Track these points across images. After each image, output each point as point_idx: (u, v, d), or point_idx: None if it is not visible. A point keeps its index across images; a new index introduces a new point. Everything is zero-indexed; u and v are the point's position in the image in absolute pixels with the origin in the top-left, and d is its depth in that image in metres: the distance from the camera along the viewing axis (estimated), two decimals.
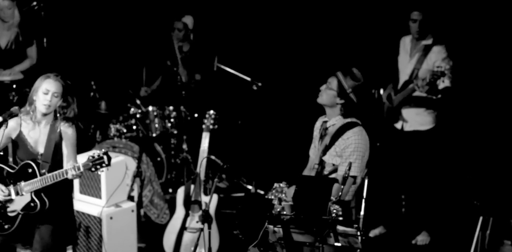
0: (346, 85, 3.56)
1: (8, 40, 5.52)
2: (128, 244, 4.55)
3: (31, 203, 3.59)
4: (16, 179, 3.62)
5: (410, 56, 4.87)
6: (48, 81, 3.56)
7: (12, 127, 3.59)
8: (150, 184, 5.29)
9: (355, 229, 3.32)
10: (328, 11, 6.27)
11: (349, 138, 3.52)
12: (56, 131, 3.62)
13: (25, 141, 3.61)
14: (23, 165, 3.60)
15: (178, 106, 5.88)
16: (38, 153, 3.62)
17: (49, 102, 3.54)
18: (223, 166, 4.29)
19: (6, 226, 3.64)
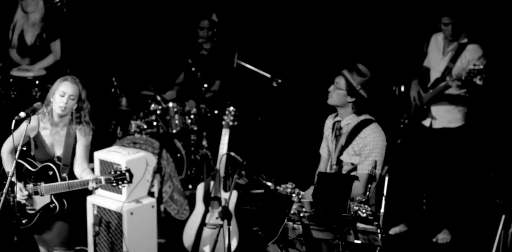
0: (354, 82, 3.52)
1: (33, 37, 5.59)
2: (148, 240, 4.58)
3: (50, 204, 3.65)
4: (37, 179, 3.67)
5: (443, 54, 4.81)
6: (66, 83, 3.59)
7: (30, 127, 3.62)
8: (170, 180, 5.32)
9: (375, 227, 3.30)
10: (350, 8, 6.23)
11: (367, 136, 3.48)
12: (72, 134, 3.66)
13: (42, 142, 3.66)
14: (44, 166, 3.65)
15: (198, 103, 5.89)
16: (54, 155, 3.67)
17: (65, 104, 3.58)
18: (243, 162, 4.29)
19: (24, 221, 3.70)
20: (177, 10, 6.63)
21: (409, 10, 5.91)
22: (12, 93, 5.51)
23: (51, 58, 5.62)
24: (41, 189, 3.64)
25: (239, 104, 5.51)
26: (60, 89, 3.58)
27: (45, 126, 3.65)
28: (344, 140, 3.55)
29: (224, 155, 4.78)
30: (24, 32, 5.60)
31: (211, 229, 4.72)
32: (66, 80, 3.61)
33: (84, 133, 3.65)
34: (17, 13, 5.58)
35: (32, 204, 3.69)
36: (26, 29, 5.59)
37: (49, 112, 3.62)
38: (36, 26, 5.57)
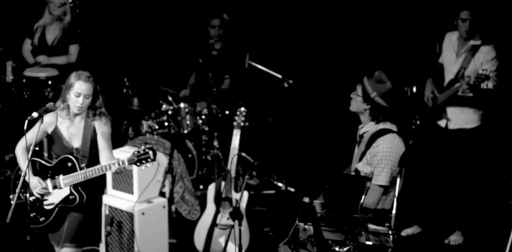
0: (370, 89, 3.48)
1: (55, 38, 5.63)
2: (159, 240, 4.59)
3: (70, 196, 3.66)
4: (54, 173, 3.69)
5: (457, 55, 4.78)
6: (80, 83, 3.62)
7: (48, 122, 3.66)
8: (181, 180, 5.33)
9: (386, 228, 3.29)
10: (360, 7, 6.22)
11: (378, 146, 3.42)
12: (90, 126, 3.69)
13: (60, 136, 3.68)
14: (62, 159, 3.67)
15: (210, 103, 5.90)
16: (72, 147, 3.69)
17: (81, 104, 3.62)
18: (254, 163, 4.28)
19: (41, 219, 3.71)
20: (188, 11, 6.64)
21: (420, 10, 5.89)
22: (25, 93, 5.55)
23: (66, 58, 5.66)
24: (60, 181, 3.66)
25: (250, 104, 5.51)
26: (75, 90, 3.61)
27: (63, 121, 3.69)
28: (363, 147, 3.51)
29: (235, 156, 4.78)
30: (46, 32, 5.65)
31: (222, 230, 4.72)
32: (80, 79, 3.62)
33: (103, 124, 3.69)
34: (44, 15, 5.63)
35: (50, 199, 3.70)
36: (49, 29, 5.64)
37: (66, 108, 3.66)
38: (58, 28, 5.62)
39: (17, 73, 5.57)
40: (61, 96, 3.68)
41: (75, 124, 3.69)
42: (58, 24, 5.63)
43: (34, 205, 3.70)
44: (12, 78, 5.56)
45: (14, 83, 5.57)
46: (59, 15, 5.59)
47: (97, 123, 3.69)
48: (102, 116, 3.70)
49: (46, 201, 3.71)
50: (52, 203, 3.70)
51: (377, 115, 3.49)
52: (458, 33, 4.79)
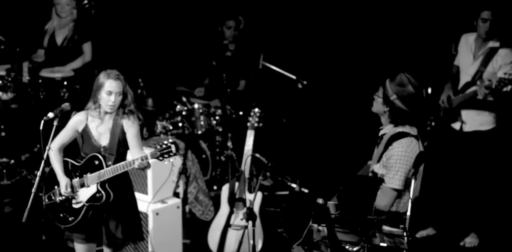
0: (390, 91, 3.46)
1: (64, 38, 5.68)
2: (173, 240, 4.61)
3: (96, 194, 3.69)
4: (83, 171, 3.72)
5: (474, 58, 4.73)
6: (110, 81, 3.65)
7: (79, 120, 3.71)
8: (195, 181, 5.34)
9: (401, 230, 3.27)
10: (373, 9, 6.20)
11: (393, 149, 3.39)
12: (119, 125, 3.73)
13: (90, 134, 3.72)
14: (90, 157, 3.71)
15: (224, 104, 5.91)
16: (100, 146, 3.73)
17: (113, 103, 3.66)
18: (268, 164, 4.29)
19: (70, 219, 3.73)
20: (202, 12, 6.66)
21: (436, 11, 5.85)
22: (41, 93, 5.60)
23: (82, 60, 5.70)
24: (87, 179, 3.70)
25: (264, 105, 5.51)
26: (106, 89, 3.65)
27: (93, 120, 3.73)
28: (381, 149, 3.49)
29: (249, 157, 4.79)
30: (55, 33, 5.70)
31: (236, 230, 4.73)
32: (110, 77, 3.66)
33: (131, 122, 3.72)
34: (52, 17, 5.68)
35: (78, 197, 3.72)
36: (58, 31, 5.69)
37: (97, 107, 3.70)
38: (67, 28, 5.66)
39: (33, 73, 5.62)
40: (92, 97, 3.71)
41: (104, 123, 3.73)
42: (66, 24, 5.66)
43: (63, 205, 3.73)
44: (29, 78, 5.60)
45: (30, 83, 5.62)
46: (67, 16, 5.62)
47: (125, 121, 3.73)
48: (130, 114, 3.74)
49: (74, 200, 3.73)
50: (80, 201, 3.72)
51: (396, 118, 3.47)
52: (475, 35, 4.74)
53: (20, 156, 5.99)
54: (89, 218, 3.73)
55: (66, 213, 3.74)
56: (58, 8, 5.59)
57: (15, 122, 5.90)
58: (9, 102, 5.72)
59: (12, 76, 5.59)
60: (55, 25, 5.68)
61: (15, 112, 5.83)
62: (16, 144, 5.97)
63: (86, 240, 3.80)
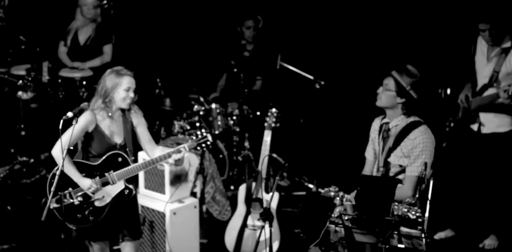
0: (404, 83, 3.50)
1: (87, 38, 5.73)
2: (190, 239, 4.62)
3: (125, 190, 3.72)
4: (103, 170, 3.72)
5: (488, 60, 4.71)
6: (128, 78, 3.69)
7: (89, 121, 3.71)
8: (212, 180, 5.35)
9: (419, 231, 3.25)
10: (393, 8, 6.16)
11: (417, 138, 3.46)
12: (129, 121, 3.77)
13: (102, 133, 3.73)
14: (110, 156, 3.72)
15: (241, 104, 5.92)
16: (115, 143, 3.75)
17: (131, 99, 3.70)
18: (285, 164, 4.28)
19: (90, 218, 3.74)
20: (220, 13, 6.67)
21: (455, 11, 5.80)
22: (60, 93, 5.65)
23: (101, 60, 5.75)
24: (113, 177, 3.70)
25: (282, 105, 5.50)
26: (124, 85, 3.67)
27: (103, 119, 3.74)
28: (392, 142, 3.52)
29: (266, 157, 4.78)
30: (78, 33, 5.75)
31: (252, 231, 4.73)
32: (126, 74, 3.69)
33: (140, 116, 3.78)
34: (77, 17, 5.73)
35: (102, 197, 3.73)
36: (81, 30, 5.75)
37: (109, 106, 3.71)
38: (90, 28, 5.72)
39: (53, 73, 5.67)
40: (101, 96, 3.71)
41: (115, 121, 3.75)
42: (90, 25, 5.73)
43: (81, 206, 3.73)
44: (48, 78, 5.66)
45: (49, 83, 5.67)
46: (92, 17, 5.69)
47: (134, 117, 3.77)
48: (137, 110, 3.79)
49: (98, 200, 3.73)
50: (105, 200, 3.73)
51: (411, 108, 3.50)
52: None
53: (39, 155, 6.04)
54: (112, 215, 3.74)
55: (86, 213, 3.73)
56: (84, 9, 5.65)
57: (34, 122, 5.95)
58: (29, 101, 5.78)
59: (32, 75, 5.65)
60: (79, 25, 5.74)
61: (35, 111, 5.89)
62: (36, 143, 6.02)
63: (102, 238, 3.82)
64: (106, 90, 3.68)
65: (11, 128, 5.92)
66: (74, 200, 3.71)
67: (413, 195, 3.42)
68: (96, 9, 5.66)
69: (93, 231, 3.78)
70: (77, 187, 3.71)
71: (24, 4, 6.51)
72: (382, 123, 3.68)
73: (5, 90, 5.58)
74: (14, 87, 5.68)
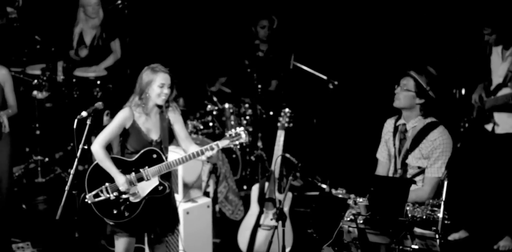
0: (424, 84, 3.47)
1: (93, 37, 5.77)
2: (203, 239, 4.63)
3: (159, 186, 3.75)
4: (138, 166, 3.75)
5: (503, 59, 4.69)
6: (162, 74, 3.73)
7: (127, 117, 3.75)
8: (225, 180, 5.36)
9: (433, 232, 3.24)
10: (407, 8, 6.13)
11: (437, 139, 3.44)
12: (166, 118, 3.81)
13: (139, 129, 3.77)
14: (145, 152, 3.75)
15: (254, 104, 5.92)
16: (152, 140, 3.78)
17: (165, 95, 3.73)
18: (298, 164, 4.28)
19: (126, 214, 3.76)
20: (234, 12, 6.68)
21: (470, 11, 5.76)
22: (75, 92, 5.68)
23: (113, 57, 5.78)
24: (147, 173, 3.74)
25: (295, 105, 5.50)
26: (158, 81, 3.71)
27: (139, 116, 3.78)
28: (409, 143, 3.49)
29: (279, 157, 4.78)
30: (83, 33, 5.79)
31: (265, 230, 4.73)
32: (161, 71, 3.73)
33: (178, 115, 3.82)
34: (79, 16, 5.77)
35: (137, 192, 3.76)
36: (86, 30, 5.78)
37: (145, 103, 3.75)
38: (95, 28, 5.75)
39: (68, 73, 5.71)
40: (137, 94, 3.75)
41: (151, 118, 3.79)
42: (94, 23, 5.74)
43: (118, 201, 3.76)
44: (63, 77, 5.69)
45: (64, 82, 5.71)
46: (96, 16, 5.71)
47: (171, 114, 3.82)
48: (174, 107, 3.83)
49: (132, 195, 3.76)
50: (139, 196, 3.75)
51: (429, 109, 3.48)
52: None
53: (54, 154, 6.09)
54: (146, 211, 3.77)
55: (122, 208, 3.75)
56: (89, 9, 5.67)
57: (49, 121, 6.00)
58: (44, 101, 5.82)
59: (47, 75, 5.69)
60: (83, 27, 5.77)
61: (50, 111, 5.93)
62: (51, 143, 6.07)
63: (132, 234, 3.83)
64: (141, 87, 3.73)
65: (26, 127, 5.97)
66: (110, 195, 3.74)
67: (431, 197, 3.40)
68: (99, 8, 5.68)
69: (127, 227, 3.80)
70: (114, 182, 3.75)
71: (39, 4, 6.56)
72: (398, 124, 3.65)
73: (20, 89, 5.62)
74: (29, 86, 5.72)
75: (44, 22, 6.47)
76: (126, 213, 3.74)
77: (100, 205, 3.75)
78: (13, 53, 6.15)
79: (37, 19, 6.46)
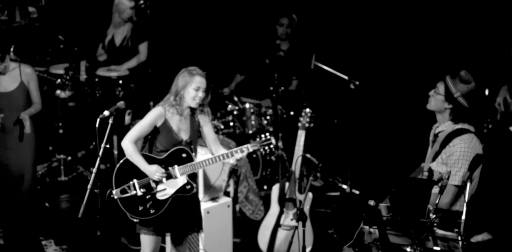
0: (454, 89, 3.40)
1: (123, 38, 5.82)
2: (224, 238, 4.64)
3: (186, 185, 3.79)
4: (167, 164, 3.79)
5: None
6: (198, 78, 3.77)
7: (159, 115, 3.79)
8: (245, 180, 5.37)
9: (455, 234, 3.20)
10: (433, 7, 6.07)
11: (455, 146, 3.37)
12: (196, 121, 3.86)
13: (170, 128, 3.81)
14: (175, 151, 3.79)
15: (275, 104, 5.91)
16: (182, 140, 3.82)
17: (199, 98, 3.77)
18: (318, 164, 4.27)
19: (152, 211, 3.78)
20: (255, 12, 6.68)
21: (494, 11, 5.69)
22: (97, 92, 5.73)
23: (137, 59, 5.83)
24: (176, 171, 3.78)
25: (316, 105, 5.48)
26: (194, 84, 3.76)
27: (172, 115, 3.82)
28: (438, 147, 3.45)
29: (299, 157, 4.77)
30: (114, 36, 5.85)
31: (285, 231, 4.72)
32: (198, 74, 3.77)
33: (208, 119, 3.88)
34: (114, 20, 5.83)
35: (164, 189, 3.79)
36: (117, 31, 5.84)
37: (179, 104, 3.79)
38: (126, 29, 5.80)
39: (90, 72, 5.76)
40: (172, 94, 3.79)
41: (184, 118, 3.83)
42: (127, 25, 5.80)
43: (144, 198, 3.78)
44: (86, 77, 5.75)
45: (87, 82, 5.76)
46: (128, 18, 5.77)
47: (202, 117, 3.87)
48: (206, 111, 3.87)
49: (159, 192, 3.79)
50: (166, 193, 3.79)
51: (459, 115, 3.42)
52: None
53: (76, 153, 6.14)
54: (171, 210, 3.79)
55: (148, 205, 3.78)
56: (124, 15, 5.76)
57: (72, 120, 6.06)
58: (67, 100, 5.88)
59: (70, 74, 5.75)
60: (115, 28, 5.83)
61: (73, 110, 5.99)
62: (73, 141, 6.13)
63: (157, 232, 3.85)
64: (177, 88, 3.77)
65: (50, 126, 6.03)
66: (137, 191, 3.76)
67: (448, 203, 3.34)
68: (132, 10, 5.75)
69: (152, 224, 3.82)
70: (142, 179, 3.77)
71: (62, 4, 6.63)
72: (434, 127, 3.61)
73: (44, 88, 5.69)
74: (53, 85, 5.78)
75: (68, 22, 6.54)
76: (151, 210, 3.76)
77: (126, 201, 3.77)
78: (37, 52, 6.23)
79: (60, 18, 6.53)
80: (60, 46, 6.17)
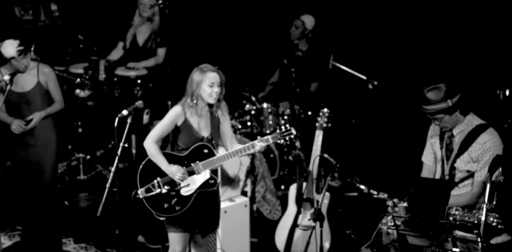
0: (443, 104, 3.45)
1: (145, 39, 5.85)
2: (241, 238, 4.65)
3: (210, 180, 3.81)
4: (190, 160, 3.81)
5: None
6: (211, 73, 3.77)
7: (179, 115, 3.81)
8: (263, 180, 5.37)
9: (475, 235, 3.18)
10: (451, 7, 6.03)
11: (487, 142, 3.38)
12: (215, 117, 3.88)
13: (190, 126, 3.83)
14: (196, 147, 3.81)
15: (292, 104, 5.91)
16: (202, 137, 3.84)
17: (216, 94, 3.78)
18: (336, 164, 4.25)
19: (177, 208, 3.80)
20: (274, 11, 6.67)
21: None
22: (116, 91, 5.77)
23: (154, 60, 5.85)
24: (199, 167, 3.79)
25: (333, 105, 5.47)
26: (207, 81, 3.76)
27: (191, 114, 3.84)
28: (457, 147, 3.43)
29: (317, 157, 4.76)
30: (136, 34, 5.88)
31: (303, 231, 4.71)
32: (209, 70, 3.77)
33: (226, 114, 3.90)
34: (135, 17, 5.85)
35: (188, 186, 3.81)
36: (139, 31, 5.87)
37: (197, 103, 3.80)
38: (148, 29, 5.83)
39: (109, 72, 5.80)
40: (188, 95, 3.80)
41: (203, 116, 3.84)
42: (148, 25, 5.83)
43: (169, 195, 3.81)
44: (105, 76, 5.79)
45: (106, 81, 5.80)
46: (149, 17, 5.79)
47: (220, 113, 3.88)
48: (224, 107, 3.88)
49: (183, 189, 3.81)
50: (190, 189, 3.81)
51: (465, 108, 3.45)
52: None
53: (95, 152, 6.19)
54: (196, 206, 3.81)
55: (173, 202, 3.80)
56: (141, 7, 5.76)
57: (91, 119, 6.10)
58: (86, 99, 5.93)
59: (89, 74, 5.79)
60: (137, 26, 5.85)
61: (92, 109, 6.03)
62: (92, 140, 6.17)
63: (185, 229, 3.86)
64: (192, 88, 3.78)
65: (69, 125, 6.08)
66: (162, 189, 3.79)
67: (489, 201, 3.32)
68: (153, 8, 5.76)
69: (178, 221, 3.83)
70: (165, 177, 3.79)
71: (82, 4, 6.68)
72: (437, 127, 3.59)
73: (63, 88, 5.73)
74: (72, 85, 5.83)
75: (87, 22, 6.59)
76: (177, 207, 3.78)
77: (151, 200, 3.79)
78: (57, 52, 6.28)
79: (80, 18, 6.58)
80: (80, 46, 6.22)
